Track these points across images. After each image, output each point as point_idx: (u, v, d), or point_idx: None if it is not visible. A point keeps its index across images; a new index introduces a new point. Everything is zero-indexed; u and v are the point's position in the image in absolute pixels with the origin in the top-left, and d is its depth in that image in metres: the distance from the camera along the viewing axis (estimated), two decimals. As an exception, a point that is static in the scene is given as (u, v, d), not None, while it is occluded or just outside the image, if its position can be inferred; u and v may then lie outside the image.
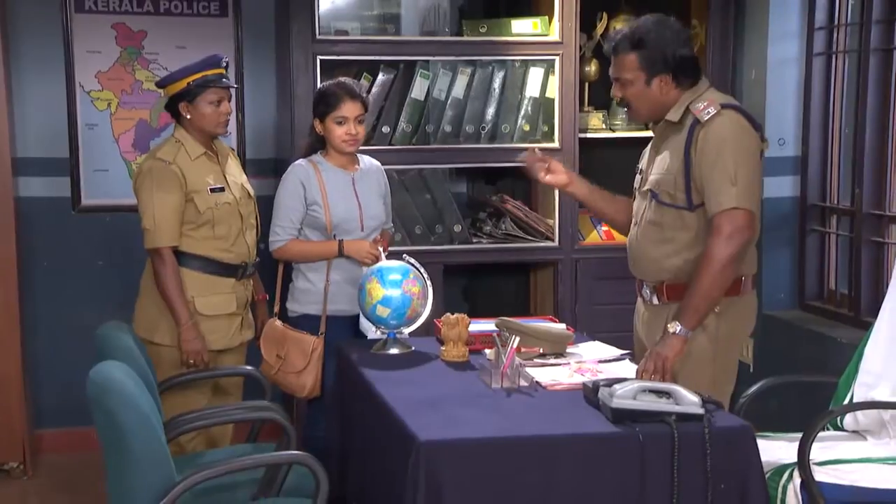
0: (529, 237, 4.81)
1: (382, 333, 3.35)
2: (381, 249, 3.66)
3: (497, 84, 4.70)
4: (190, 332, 3.58)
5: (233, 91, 3.84)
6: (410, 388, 2.84)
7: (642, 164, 3.33)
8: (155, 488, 2.37)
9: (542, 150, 3.77)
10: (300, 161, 3.83)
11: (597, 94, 4.94)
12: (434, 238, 4.74)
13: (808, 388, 3.76)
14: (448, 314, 3.23)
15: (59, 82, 4.92)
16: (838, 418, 3.21)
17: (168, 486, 2.39)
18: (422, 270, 3.40)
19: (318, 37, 4.48)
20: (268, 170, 5.09)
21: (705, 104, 3.04)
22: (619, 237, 4.85)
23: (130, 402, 2.37)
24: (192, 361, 3.59)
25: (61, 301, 5.03)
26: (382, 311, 3.27)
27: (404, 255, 3.45)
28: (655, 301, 3.17)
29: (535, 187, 5.07)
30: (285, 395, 3.98)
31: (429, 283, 3.38)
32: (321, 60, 4.49)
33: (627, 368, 3.05)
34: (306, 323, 3.74)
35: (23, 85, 4.84)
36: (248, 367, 3.67)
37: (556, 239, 4.77)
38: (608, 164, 4.98)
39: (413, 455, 2.35)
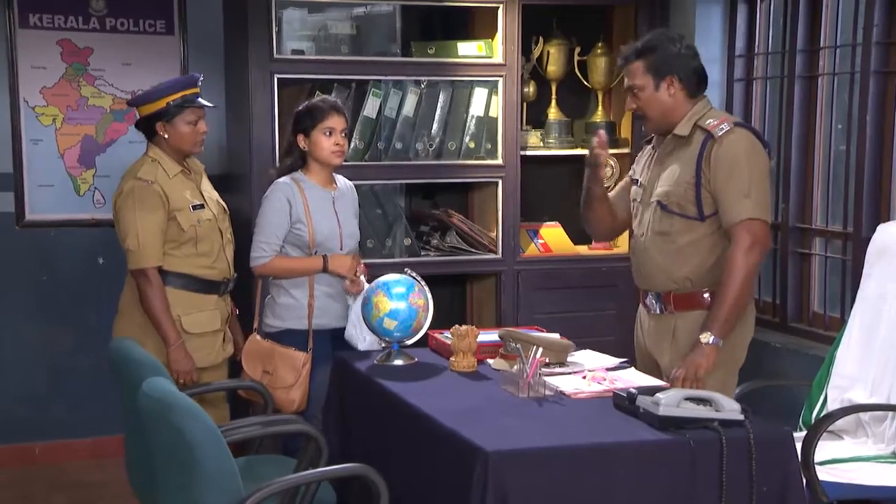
0: (473, 250, 4.72)
1: (387, 345, 3.20)
2: (360, 266, 3.59)
3: (444, 103, 4.60)
4: (179, 351, 3.39)
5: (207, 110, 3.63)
6: (442, 399, 2.72)
7: (640, 177, 3.27)
8: (224, 502, 2.16)
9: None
10: (284, 179, 3.63)
11: (534, 113, 4.90)
12: (385, 251, 4.61)
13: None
14: (457, 326, 3.12)
15: (2, 97, 4.61)
16: (812, 419, 3.22)
17: (237, 500, 2.19)
18: (423, 284, 3.26)
19: (275, 56, 4.28)
20: (214, 186, 4.84)
21: (718, 121, 3.03)
22: (556, 250, 4.87)
23: (197, 416, 2.17)
24: (181, 381, 3.37)
25: (4, 316, 4.67)
26: (389, 324, 3.13)
27: (406, 269, 3.31)
28: (662, 310, 3.10)
29: (472, 202, 5.00)
30: (259, 407, 3.76)
31: (430, 296, 3.25)
32: (278, 79, 4.29)
33: (635, 375, 2.99)
34: (288, 338, 3.57)
35: (-34, 98, 4.51)
36: (253, 382, 3.46)
37: (500, 251, 4.69)
38: (545, 179, 4.97)
39: (479, 465, 2.24)
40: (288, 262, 3.57)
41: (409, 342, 3.24)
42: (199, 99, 3.55)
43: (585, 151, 4.83)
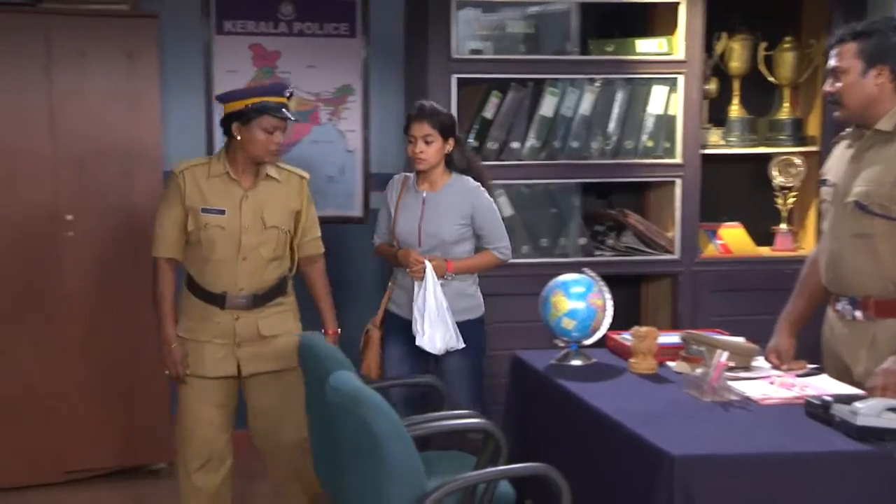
0: (650, 250, 4.61)
1: (565, 344, 3.15)
2: (427, 263, 3.57)
3: (622, 102, 4.51)
4: (165, 346, 3.43)
5: (290, 123, 3.51)
6: (622, 401, 2.66)
7: (830, 175, 3.09)
8: (408, 497, 2.18)
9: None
10: (400, 174, 3.89)
11: (714, 110, 4.74)
12: (558, 250, 4.57)
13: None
14: (637, 327, 3.05)
15: (199, 100, 4.81)
16: None
17: (421, 495, 2.20)
18: (602, 284, 3.20)
19: (453, 56, 4.31)
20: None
21: None
22: (736, 251, 4.71)
23: (383, 411, 2.20)
24: (167, 372, 3.46)
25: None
26: (568, 324, 3.09)
27: (584, 269, 3.25)
28: (858, 316, 2.93)
29: (648, 201, 4.89)
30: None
31: (608, 296, 3.18)
32: (456, 79, 4.31)
33: (827, 382, 2.83)
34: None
35: (168, 101, 4.73)
36: (430, 378, 3.47)
37: (678, 252, 4.57)
38: (725, 178, 4.81)
39: (664, 470, 2.18)
40: (384, 249, 3.86)
41: (588, 342, 3.18)
42: (283, 110, 3.41)
43: (770, 150, 4.70)
